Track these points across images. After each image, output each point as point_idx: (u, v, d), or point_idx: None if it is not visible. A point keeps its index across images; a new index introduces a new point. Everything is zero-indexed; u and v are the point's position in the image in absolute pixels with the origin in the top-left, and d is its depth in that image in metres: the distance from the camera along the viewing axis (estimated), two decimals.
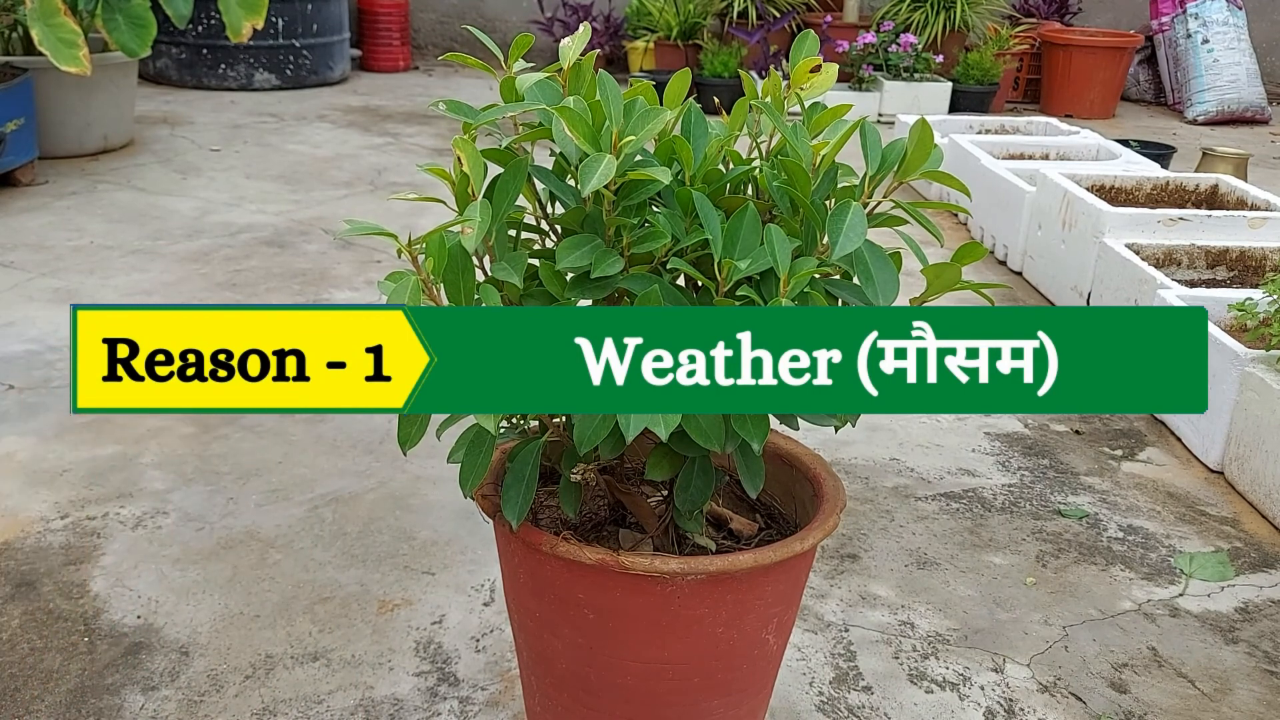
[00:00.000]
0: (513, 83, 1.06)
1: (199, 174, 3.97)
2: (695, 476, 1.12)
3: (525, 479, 1.08)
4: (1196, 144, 5.16)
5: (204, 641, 1.57)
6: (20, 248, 3.13)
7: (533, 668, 1.23)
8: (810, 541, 1.12)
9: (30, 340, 2.53)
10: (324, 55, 5.66)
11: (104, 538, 1.79)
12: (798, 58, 1.12)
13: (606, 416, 0.97)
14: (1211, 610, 1.75)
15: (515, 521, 1.07)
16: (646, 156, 1.06)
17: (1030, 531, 1.95)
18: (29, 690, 1.46)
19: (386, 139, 4.61)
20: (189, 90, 5.44)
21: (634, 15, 6.00)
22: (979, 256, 1.05)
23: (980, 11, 5.84)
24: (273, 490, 1.95)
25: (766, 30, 5.70)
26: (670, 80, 1.11)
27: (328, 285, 2.95)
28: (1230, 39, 5.81)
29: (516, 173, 1.00)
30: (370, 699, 1.47)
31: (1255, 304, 2.18)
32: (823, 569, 1.80)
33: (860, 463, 2.15)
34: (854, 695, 1.52)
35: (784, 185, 1.04)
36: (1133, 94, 6.37)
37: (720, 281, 1.00)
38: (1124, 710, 1.52)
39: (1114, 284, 2.69)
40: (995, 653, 1.63)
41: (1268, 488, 2.01)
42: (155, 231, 3.33)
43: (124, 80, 4.15)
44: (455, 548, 1.80)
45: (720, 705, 1.19)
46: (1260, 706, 1.54)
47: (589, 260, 0.99)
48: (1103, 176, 3.21)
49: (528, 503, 1.07)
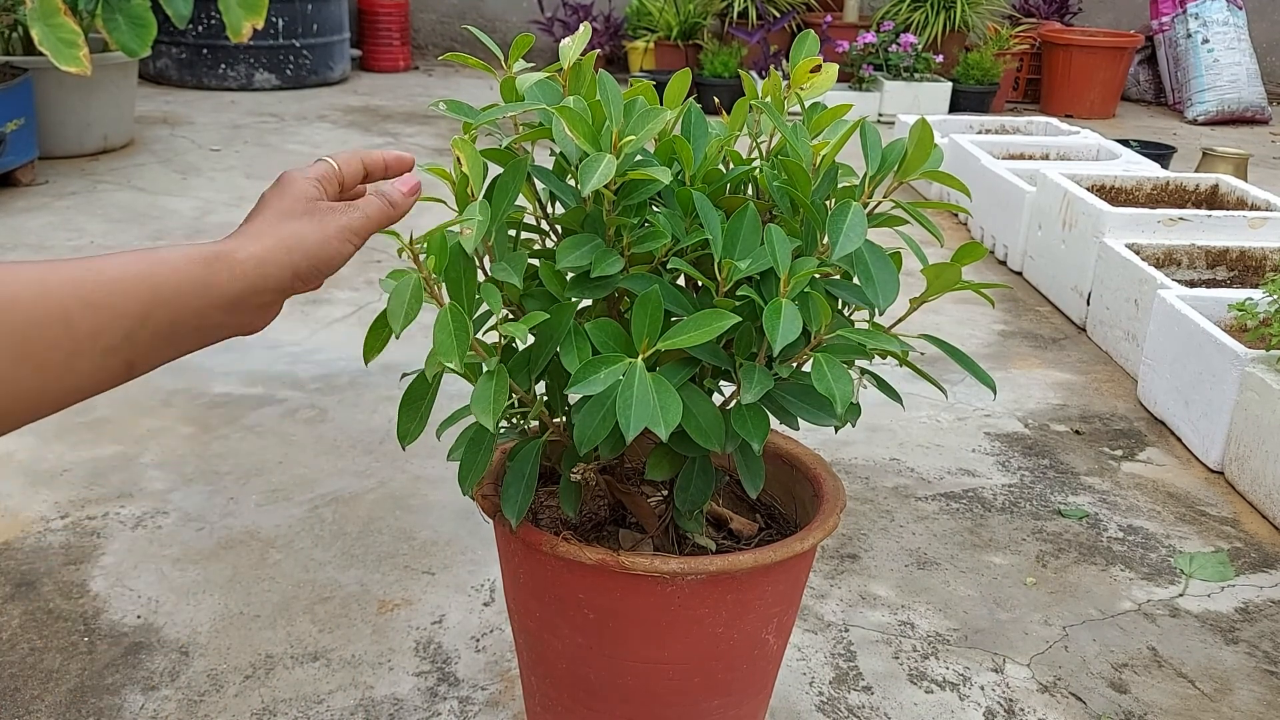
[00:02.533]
0: (513, 83, 1.06)
1: (199, 174, 3.97)
2: (695, 476, 1.12)
3: (525, 478, 1.08)
4: (1196, 144, 5.16)
5: (204, 641, 1.57)
6: (20, 248, 3.13)
7: (533, 668, 1.23)
8: (810, 541, 1.12)
9: None
10: (324, 55, 5.66)
11: (104, 538, 1.79)
12: (798, 58, 1.12)
13: (606, 416, 0.97)
14: (1211, 610, 1.75)
15: (515, 520, 1.07)
16: (646, 156, 1.06)
17: (1030, 531, 1.95)
18: (29, 690, 1.46)
19: (387, 139, 4.61)
20: (189, 90, 5.44)
21: (634, 15, 6.01)
22: (979, 256, 1.05)
23: (980, 11, 5.84)
24: (273, 490, 1.95)
25: (766, 30, 5.70)
26: (670, 80, 1.11)
27: (328, 285, 2.95)
28: (1230, 39, 5.81)
29: (516, 173, 1.00)
30: (370, 699, 1.47)
31: (1255, 304, 2.18)
32: (823, 569, 1.80)
33: (860, 463, 2.15)
34: (854, 695, 1.52)
35: (784, 185, 1.04)
36: (1133, 94, 6.37)
37: (720, 281, 1.00)
38: (1124, 710, 1.52)
39: (1114, 284, 2.69)
40: (995, 653, 1.63)
41: (1268, 488, 2.01)
42: (155, 231, 3.33)
43: (124, 80, 4.15)
44: (455, 548, 1.80)
45: (720, 705, 1.19)
46: (1260, 706, 1.54)
47: (589, 260, 0.99)
48: (1103, 176, 3.21)
49: (527, 502, 1.07)
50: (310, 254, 0.77)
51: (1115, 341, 2.70)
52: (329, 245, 0.79)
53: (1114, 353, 2.71)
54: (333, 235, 0.79)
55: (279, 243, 0.76)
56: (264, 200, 0.80)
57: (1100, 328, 2.78)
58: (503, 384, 0.96)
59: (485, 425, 0.94)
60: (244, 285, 0.74)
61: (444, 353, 0.91)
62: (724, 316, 0.96)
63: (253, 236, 0.76)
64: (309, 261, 0.77)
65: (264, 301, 0.76)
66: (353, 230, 0.80)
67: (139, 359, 0.70)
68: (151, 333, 0.70)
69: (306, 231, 0.78)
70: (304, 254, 0.77)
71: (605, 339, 0.99)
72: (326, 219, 0.79)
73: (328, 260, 0.79)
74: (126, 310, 0.69)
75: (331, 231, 0.79)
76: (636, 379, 0.94)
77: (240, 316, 0.75)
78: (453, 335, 0.92)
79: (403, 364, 1.41)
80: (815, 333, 1.00)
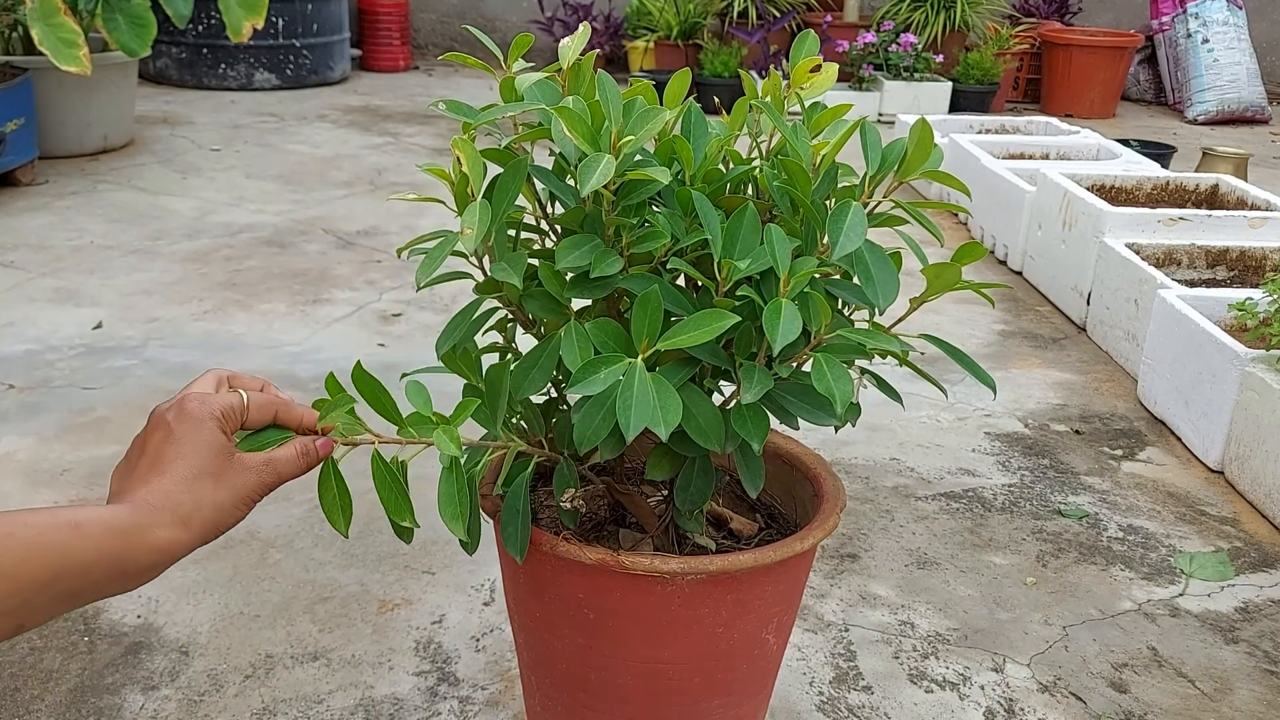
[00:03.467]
0: (512, 83, 1.06)
1: (199, 174, 3.97)
2: (695, 476, 1.12)
3: (520, 513, 1.07)
4: (1196, 144, 5.16)
5: (204, 641, 1.57)
6: (20, 248, 3.13)
7: (533, 667, 1.23)
8: (810, 541, 1.12)
9: (30, 340, 2.53)
10: (324, 55, 5.66)
11: None
12: (798, 57, 1.12)
13: (606, 416, 0.97)
14: (1211, 610, 1.75)
15: (519, 556, 1.07)
16: (646, 156, 1.06)
17: (1030, 531, 1.95)
18: (29, 690, 1.46)
19: (386, 139, 4.61)
20: (189, 90, 5.44)
21: (634, 15, 6.00)
22: (979, 256, 1.05)
23: (980, 11, 5.84)
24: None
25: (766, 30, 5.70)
26: (670, 80, 1.11)
27: (328, 285, 2.95)
28: (1230, 39, 5.81)
29: (516, 173, 1.00)
30: (370, 699, 1.47)
31: (1255, 304, 2.18)
32: (823, 569, 1.80)
33: (860, 463, 2.15)
34: (854, 695, 1.52)
35: (784, 185, 1.04)
36: (1133, 94, 6.37)
37: (720, 281, 1.00)
38: (1124, 710, 1.52)
39: (1114, 284, 2.69)
40: (995, 653, 1.63)
41: (1268, 488, 2.01)
42: (155, 231, 3.33)
43: (124, 80, 4.15)
44: (455, 547, 1.80)
45: (720, 705, 1.19)
46: (1260, 706, 1.54)
47: (588, 260, 0.99)
48: (1103, 176, 3.21)
49: (526, 536, 1.07)
50: (220, 525, 0.78)
51: (1115, 341, 2.70)
52: (236, 513, 0.79)
53: (1114, 352, 2.71)
54: (241, 504, 0.79)
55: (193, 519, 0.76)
56: (170, 441, 0.79)
57: (1100, 327, 2.78)
58: (463, 480, 0.95)
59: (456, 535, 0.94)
60: (155, 559, 0.75)
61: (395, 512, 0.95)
62: (724, 316, 0.95)
63: (168, 510, 0.76)
64: (216, 530, 0.78)
65: (171, 561, 0.77)
66: (263, 491, 0.81)
67: (29, 621, 0.70)
68: (51, 597, 0.70)
69: (221, 500, 0.78)
70: (214, 528, 0.78)
71: (605, 339, 0.99)
72: (238, 484, 0.79)
73: (233, 523, 0.79)
74: (34, 580, 0.68)
75: (242, 498, 0.79)
76: (636, 379, 0.94)
77: (136, 583, 0.75)
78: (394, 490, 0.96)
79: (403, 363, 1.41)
80: (815, 333, 1.00)
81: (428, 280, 0.95)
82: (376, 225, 3.46)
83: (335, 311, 2.78)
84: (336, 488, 0.93)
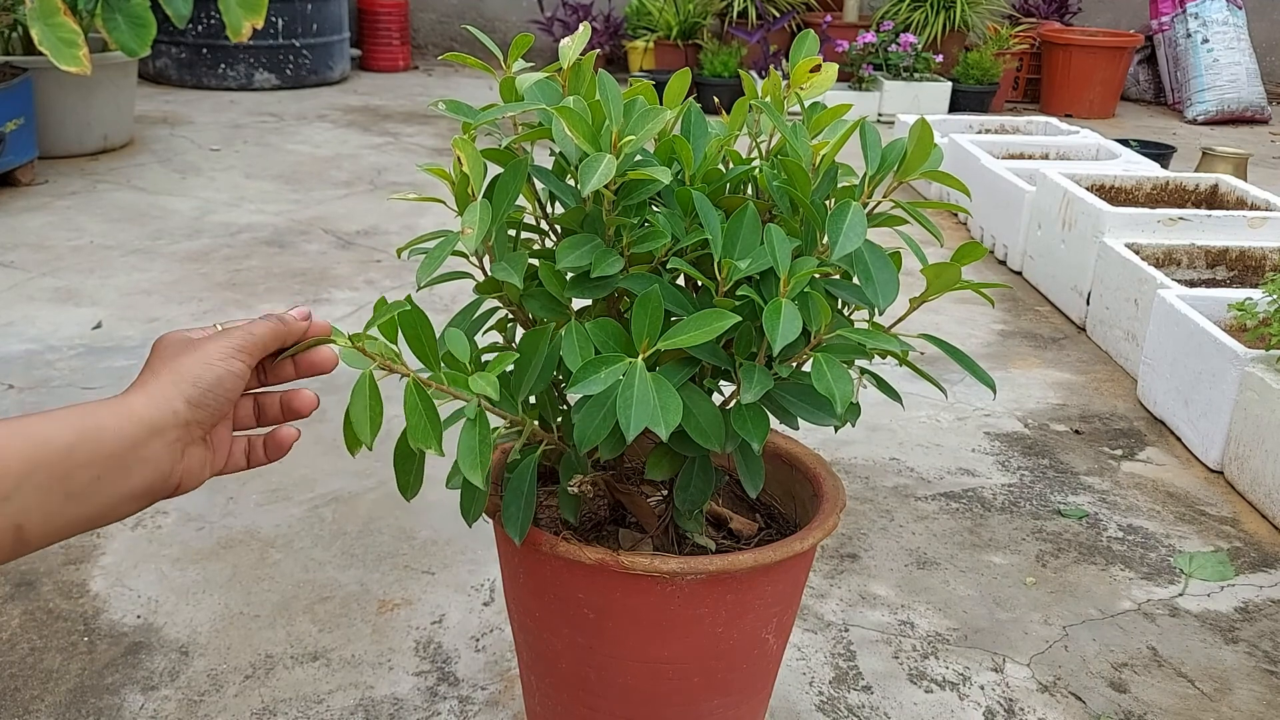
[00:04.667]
0: (512, 83, 1.06)
1: (199, 174, 3.97)
2: (695, 476, 1.12)
3: (524, 495, 1.07)
4: (1196, 144, 5.16)
5: (204, 641, 1.57)
6: (20, 247, 3.13)
7: (533, 667, 1.23)
8: (810, 541, 1.12)
9: (30, 340, 2.53)
10: (324, 55, 5.66)
11: (103, 537, 1.79)
12: (797, 57, 1.12)
13: (607, 416, 0.97)
14: (1211, 610, 1.76)
15: (518, 537, 1.07)
16: (646, 156, 1.06)
17: (1030, 531, 1.95)
18: (29, 690, 1.46)
19: (386, 139, 4.61)
20: (189, 90, 5.44)
21: (634, 15, 6.00)
22: (979, 256, 1.05)
23: (980, 11, 5.84)
24: (273, 490, 1.95)
25: (766, 30, 5.70)
26: (670, 80, 1.11)
27: (328, 285, 2.95)
28: (1230, 39, 5.81)
29: (516, 173, 1.00)
30: (370, 699, 1.47)
31: (1255, 304, 2.19)
32: (823, 569, 1.80)
33: (860, 463, 2.15)
34: (854, 695, 1.52)
35: (784, 185, 1.04)
36: (1133, 94, 6.37)
37: (720, 281, 1.00)
38: (1124, 710, 1.52)
39: (1114, 284, 2.70)
40: (995, 652, 1.63)
41: (1268, 488, 2.01)
42: (155, 231, 3.33)
43: (124, 80, 4.15)
44: (455, 547, 1.80)
45: (720, 705, 1.19)
46: (1260, 706, 1.54)
47: (589, 260, 0.99)
48: (1103, 176, 3.21)
49: (529, 518, 1.07)
50: (195, 378, 0.78)
51: (1115, 341, 2.70)
52: (212, 367, 0.79)
53: (1114, 352, 2.71)
54: (214, 357, 0.79)
55: (164, 378, 0.77)
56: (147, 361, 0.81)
57: (1100, 327, 2.79)
58: (485, 431, 0.94)
59: (474, 482, 0.93)
60: (138, 426, 0.74)
61: (421, 438, 0.91)
62: (724, 316, 0.96)
63: (139, 385, 0.77)
64: (196, 387, 0.78)
65: (169, 440, 0.76)
66: (234, 347, 0.81)
67: (28, 522, 0.69)
68: (38, 490, 0.68)
69: (188, 362, 0.78)
70: (190, 381, 0.78)
71: (605, 339, 0.99)
72: (205, 345, 0.80)
73: (216, 381, 0.79)
74: (6, 470, 0.67)
75: (213, 354, 0.79)
76: (636, 379, 0.94)
77: (148, 462, 0.75)
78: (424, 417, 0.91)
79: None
80: (815, 332, 1.00)
81: (428, 280, 0.96)
82: (376, 225, 3.47)
83: (335, 311, 2.78)
84: (370, 396, 0.92)
